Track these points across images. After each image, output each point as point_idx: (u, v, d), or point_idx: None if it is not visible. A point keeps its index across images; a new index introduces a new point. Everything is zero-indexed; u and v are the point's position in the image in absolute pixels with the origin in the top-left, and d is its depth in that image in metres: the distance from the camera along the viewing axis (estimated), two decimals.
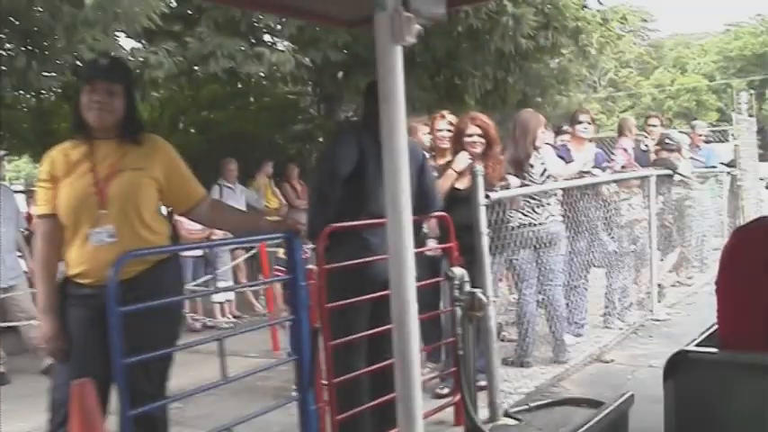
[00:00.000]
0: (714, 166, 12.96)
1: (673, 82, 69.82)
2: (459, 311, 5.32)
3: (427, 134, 7.32)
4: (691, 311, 9.55)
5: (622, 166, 9.45)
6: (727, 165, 13.98)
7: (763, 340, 2.08)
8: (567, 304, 7.72)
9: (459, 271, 5.30)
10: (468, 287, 5.29)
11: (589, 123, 8.03)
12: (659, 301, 9.78)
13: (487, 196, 5.74)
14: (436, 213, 5.60)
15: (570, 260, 7.72)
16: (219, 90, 14.89)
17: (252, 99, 15.85)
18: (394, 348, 2.46)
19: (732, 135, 14.31)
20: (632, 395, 2.37)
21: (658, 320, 9.01)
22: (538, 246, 7.13)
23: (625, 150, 9.86)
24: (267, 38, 10.15)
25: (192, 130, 16.26)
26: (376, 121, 2.41)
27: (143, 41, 9.84)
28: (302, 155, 13.15)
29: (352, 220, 4.88)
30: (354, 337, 4.89)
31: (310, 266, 4.79)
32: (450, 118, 6.98)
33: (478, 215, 5.68)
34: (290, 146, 13.99)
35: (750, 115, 14.46)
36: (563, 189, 7.44)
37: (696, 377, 2.18)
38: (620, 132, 10.57)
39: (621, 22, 12.90)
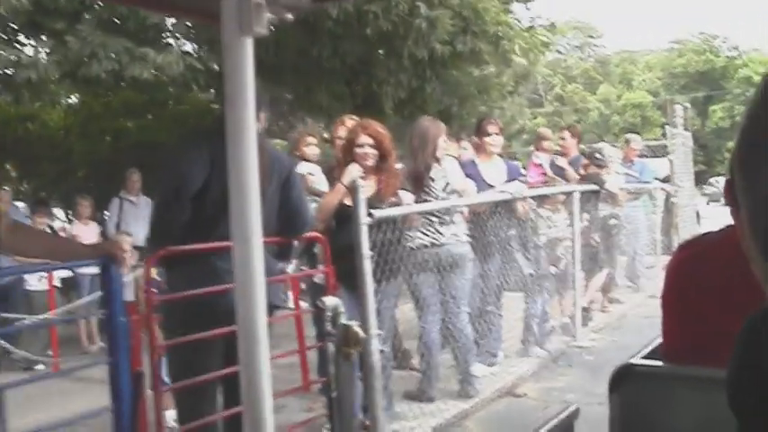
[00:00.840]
0: (648, 182, 12.43)
1: (619, 97, 70.29)
2: (332, 347, 4.60)
3: (314, 145, 6.67)
4: (617, 337, 8.93)
5: (544, 182, 8.83)
6: (662, 180, 13.46)
7: (705, 354, 1.88)
8: (478, 331, 7.07)
9: (331, 301, 4.57)
10: (343, 319, 4.58)
11: (497, 135, 7.32)
12: (585, 326, 9.15)
13: (370, 214, 5.02)
14: (311, 234, 4.87)
15: (480, 284, 7.05)
16: (135, 96, 14.04)
17: (170, 106, 15.01)
18: (242, 395, 2.13)
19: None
20: (577, 408, 2.28)
21: (581, 347, 8.36)
22: (440, 268, 6.45)
23: (540, 166, 9.24)
24: (169, 40, 9.35)
25: (108, 138, 15.40)
26: None
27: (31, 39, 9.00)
28: None
29: (202, 242, 4.15)
30: (200, 379, 4.16)
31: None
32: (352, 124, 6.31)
33: (360, 235, 4.96)
34: None
35: (686, 129, 13.90)
36: (469, 206, 6.77)
37: (641, 389, 2.10)
38: (536, 146, 9.95)
39: (550, 30, 12.28)
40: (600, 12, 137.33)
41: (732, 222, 1.41)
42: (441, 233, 6.45)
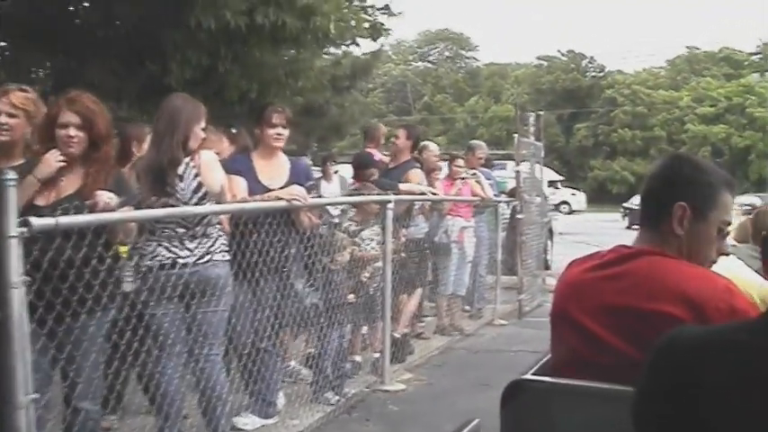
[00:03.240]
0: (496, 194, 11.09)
1: (486, 110, 70.36)
2: None
3: None
4: (437, 377, 7.48)
5: (354, 188, 7.35)
6: (508, 194, 12.20)
7: (591, 369, 2.16)
8: (249, 375, 5.52)
9: None
10: None
11: (283, 127, 5.72)
12: (400, 361, 7.70)
13: (27, 223, 3.36)
14: None
15: (248, 316, 5.47)
16: None
17: None
18: None
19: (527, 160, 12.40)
20: (478, 422, 2.15)
21: (388, 392, 6.85)
22: (187, 296, 4.84)
23: None
24: None
25: None
26: None
27: None
28: None
29: None
30: None
31: None
32: (20, 97, 4.59)
33: (6, 254, 3.29)
34: None
35: (538, 140, 12.69)
36: (228, 214, 5.18)
37: (531, 404, 2.26)
38: (366, 142, 8.48)
39: (384, 12, 10.79)
40: (473, 23, 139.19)
41: (624, 243, 2.29)
42: (188, 249, 4.85)
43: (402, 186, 7.94)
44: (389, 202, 6.82)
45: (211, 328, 4.94)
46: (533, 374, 2.34)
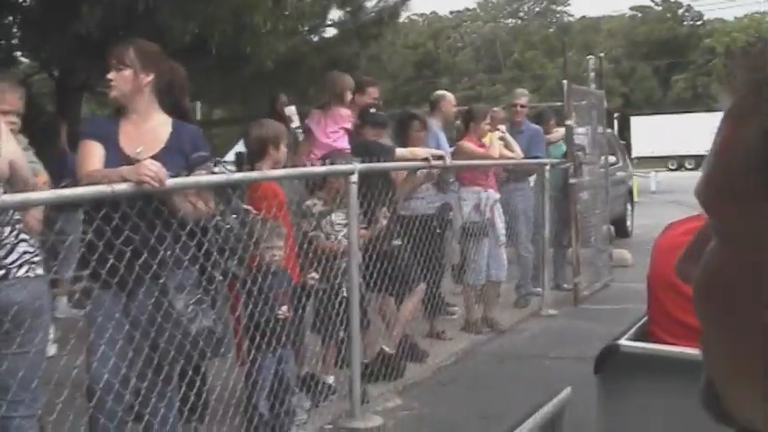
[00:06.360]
0: (537, 156, 8.98)
1: (579, 65, 67.53)
2: None
3: None
4: (433, 405, 5.65)
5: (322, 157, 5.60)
6: (562, 156, 10.15)
7: (688, 334, 2.09)
8: None
9: None
10: None
11: (119, 70, 3.72)
12: (396, 377, 5.95)
13: None
14: None
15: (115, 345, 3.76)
16: None
17: None
18: None
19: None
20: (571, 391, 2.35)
21: (356, 431, 5.08)
22: None
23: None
24: None
25: None
26: None
27: None
28: None
29: None
30: None
31: None
32: None
33: None
34: None
35: (599, 87, 10.66)
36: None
37: (627, 371, 2.19)
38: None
39: None
40: None
41: None
42: None
43: (400, 151, 6.20)
44: (352, 173, 5.00)
45: (13, 377, 3.28)
46: (628, 339, 2.25)
